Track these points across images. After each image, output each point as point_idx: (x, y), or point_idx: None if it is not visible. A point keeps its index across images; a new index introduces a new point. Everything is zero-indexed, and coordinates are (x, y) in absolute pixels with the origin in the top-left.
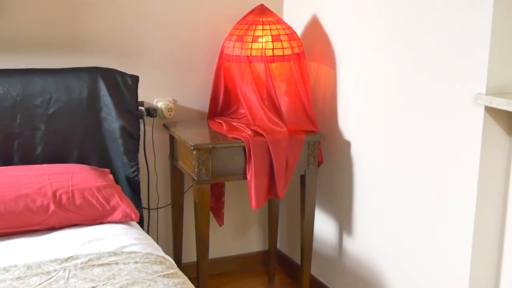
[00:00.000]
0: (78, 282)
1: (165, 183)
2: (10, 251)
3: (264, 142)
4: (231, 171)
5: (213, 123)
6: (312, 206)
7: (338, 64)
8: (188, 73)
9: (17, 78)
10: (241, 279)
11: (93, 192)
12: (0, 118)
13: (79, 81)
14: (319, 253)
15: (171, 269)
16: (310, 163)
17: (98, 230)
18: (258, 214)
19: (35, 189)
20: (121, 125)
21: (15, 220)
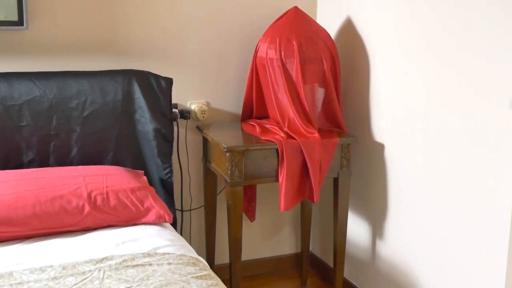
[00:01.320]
0: (113, 283)
1: (198, 185)
2: (46, 251)
3: (297, 144)
4: (264, 173)
5: (246, 125)
6: (345, 209)
7: (372, 66)
8: (222, 75)
9: (53, 81)
10: (273, 281)
11: (127, 194)
12: (37, 120)
13: (113, 83)
14: (352, 256)
15: (204, 271)
16: (343, 166)
17: (132, 231)
18: (291, 216)
19: (71, 190)
20: (155, 127)
21: (51, 221)
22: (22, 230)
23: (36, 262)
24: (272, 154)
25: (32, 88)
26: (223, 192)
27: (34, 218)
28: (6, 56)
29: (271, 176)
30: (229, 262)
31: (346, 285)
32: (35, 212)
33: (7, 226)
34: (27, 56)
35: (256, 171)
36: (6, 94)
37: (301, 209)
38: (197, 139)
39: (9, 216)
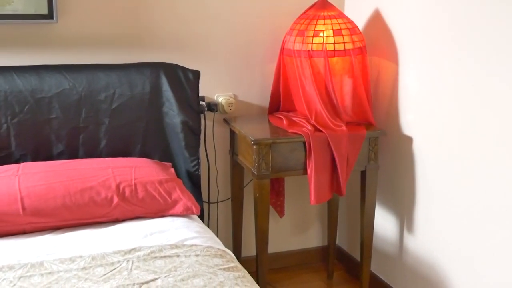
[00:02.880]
0: (141, 274)
1: (225, 177)
2: (76, 242)
3: (325, 137)
4: (291, 166)
5: (274, 118)
6: (373, 202)
7: (401, 58)
8: (249, 68)
9: (82, 73)
10: (300, 274)
11: (155, 186)
12: (66, 112)
13: (141, 76)
14: (379, 250)
15: (231, 263)
16: (370, 159)
17: (160, 223)
18: (317, 210)
19: (100, 182)
20: (183, 119)
21: (80, 212)
22: (52, 220)
23: (66, 252)
24: (299, 147)
25: (61, 81)
26: (250, 184)
27: (64, 209)
28: (36, 49)
29: (298, 169)
30: (255, 254)
31: (373, 279)
32: (65, 203)
33: (38, 217)
34: (57, 49)
35: (283, 163)
36: (36, 87)
37: (328, 202)
38: (224, 131)
39: (40, 207)
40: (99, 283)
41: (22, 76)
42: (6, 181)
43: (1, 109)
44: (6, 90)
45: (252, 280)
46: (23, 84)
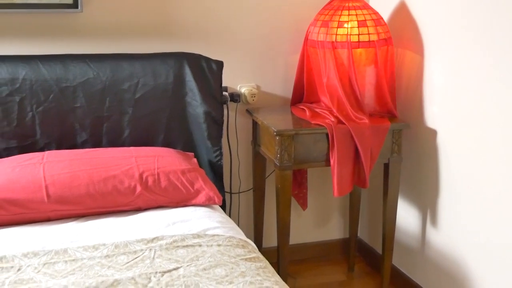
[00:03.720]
0: (163, 262)
1: (247, 168)
2: (99, 230)
3: (348, 129)
4: (313, 157)
5: (296, 109)
6: (395, 195)
7: (426, 50)
8: (272, 59)
9: (106, 63)
10: (320, 266)
11: (177, 175)
12: (90, 101)
13: (165, 66)
14: (401, 243)
15: (253, 253)
16: (394, 152)
17: (182, 212)
18: (339, 202)
19: (123, 170)
20: (206, 110)
21: (104, 200)
22: (76, 208)
23: (90, 240)
24: (322, 138)
25: (86, 70)
26: (272, 175)
27: (87, 197)
28: (61, 39)
29: (320, 160)
30: (277, 245)
31: (394, 272)
32: (89, 191)
33: (62, 205)
34: (81, 39)
35: (305, 155)
36: (61, 75)
37: (350, 194)
38: (247, 122)
39: (64, 195)
40: (122, 271)
41: (47, 65)
42: (31, 169)
43: (26, 98)
44: (32, 79)
45: (274, 271)
46: (48, 73)
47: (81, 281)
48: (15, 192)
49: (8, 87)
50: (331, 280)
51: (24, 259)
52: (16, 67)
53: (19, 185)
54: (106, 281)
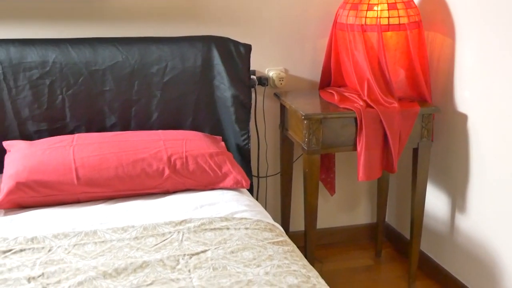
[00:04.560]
0: (191, 245)
1: (274, 152)
2: (128, 212)
3: (376, 113)
4: (341, 142)
5: (325, 93)
6: (424, 180)
7: (458, 34)
8: (300, 42)
9: (135, 46)
10: (348, 251)
11: (205, 159)
12: (119, 85)
13: (193, 49)
14: (430, 229)
15: (280, 237)
16: (423, 136)
17: (210, 195)
18: (367, 187)
19: (151, 154)
20: (233, 93)
21: (132, 183)
22: (105, 191)
23: (119, 222)
24: (350, 122)
25: (115, 54)
26: (299, 159)
27: (116, 180)
28: (90, 22)
29: (348, 145)
30: (304, 229)
31: (422, 258)
32: (118, 174)
33: (91, 187)
34: (110, 22)
35: (333, 139)
36: (90, 59)
37: (378, 179)
38: (275, 106)
39: (94, 177)
40: (150, 253)
41: (77, 48)
42: (61, 151)
43: (56, 81)
44: (62, 62)
45: (301, 255)
46: (78, 56)
47: (110, 262)
48: (45, 174)
49: (38, 70)
50: (358, 264)
51: (55, 240)
52: (46, 50)
53: (49, 167)
54: (135, 262)
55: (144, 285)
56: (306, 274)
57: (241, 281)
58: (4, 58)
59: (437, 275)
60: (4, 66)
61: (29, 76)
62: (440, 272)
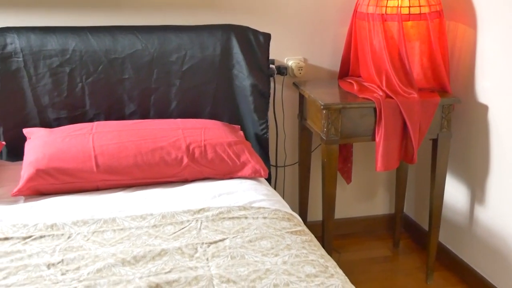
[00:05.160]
0: (209, 233)
1: (293, 141)
2: (146, 200)
3: (396, 104)
4: (360, 132)
5: (344, 83)
6: (444, 171)
7: (479, 24)
8: (320, 32)
9: (154, 34)
10: (365, 241)
11: (224, 148)
12: (139, 73)
13: (212, 38)
14: (448, 220)
15: (298, 226)
16: (443, 127)
17: (228, 184)
18: (385, 177)
19: (170, 142)
20: (252, 82)
21: (151, 171)
22: (124, 179)
23: (137, 210)
24: (369, 112)
25: (134, 42)
26: (318, 149)
27: (135, 168)
28: (110, 10)
29: (367, 135)
30: (321, 219)
31: (441, 249)
32: (137, 162)
33: (110, 175)
34: (130, 10)
35: (352, 129)
36: (110, 47)
37: (396, 169)
38: (294, 95)
39: (113, 165)
40: (169, 240)
41: (97, 36)
42: (81, 139)
43: (76, 69)
44: (81, 50)
45: (319, 245)
46: (98, 44)
47: (129, 250)
48: (65, 161)
49: (58, 58)
50: (376, 255)
51: (74, 227)
52: (66, 38)
53: (69, 155)
54: (154, 250)
55: (162, 273)
56: (324, 264)
57: (259, 270)
58: (25, 45)
59: (456, 266)
60: (24, 53)
61: (49, 63)
62: (458, 264)
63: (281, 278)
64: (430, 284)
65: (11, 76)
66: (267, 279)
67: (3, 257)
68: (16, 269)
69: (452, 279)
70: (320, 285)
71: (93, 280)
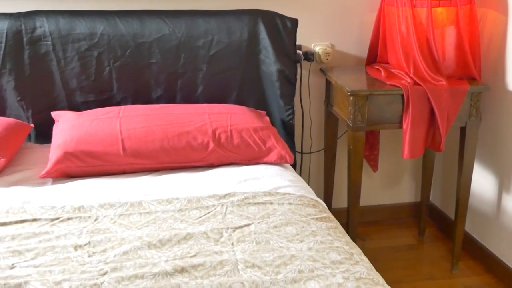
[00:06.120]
0: (235, 218)
1: (318, 128)
2: (172, 184)
3: (424, 91)
4: (387, 119)
5: (371, 69)
6: (471, 160)
7: (511, 10)
8: (348, 17)
9: (182, 19)
10: (390, 229)
11: (250, 133)
12: (166, 58)
13: (240, 23)
14: (475, 209)
15: (323, 213)
16: (471, 115)
17: (254, 170)
18: (411, 165)
19: (196, 127)
20: (279, 68)
21: (177, 155)
22: (151, 163)
23: (163, 194)
24: (397, 99)
25: (162, 26)
26: (343, 136)
27: (162, 152)
28: None
29: (394, 122)
30: (346, 206)
31: (467, 238)
32: (163, 146)
33: (137, 158)
34: None
35: (379, 116)
36: (137, 31)
37: (423, 157)
38: (320, 81)
39: (140, 149)
40: (194, 225)
41: (125, 21)
42: (108, 122)
43: (104, 53)
44: (109, 34)
45: (344, 232)
46: (125, 28)
47: (155, 233)
48: (92, 144)
49: (86, 42)
50: (401, 243)
51: (101, 210)
52: (94, 22)
53: (96, 138)
54: (179, 234)
55: (187, 256)
56: (349, 251)
57: (284, 255)
58: (54, 29)
59: (482, 256)
60: (53, 37)
61: (78, 47)
62: (484, 254)
63: (306, 264)
64: (455, 273)
65: (40, 60)
66: (292, 265)
67: (31, 238)
68: (44, 250)
69: (477, 269)
70: (345, 272)
71: (119, 263)
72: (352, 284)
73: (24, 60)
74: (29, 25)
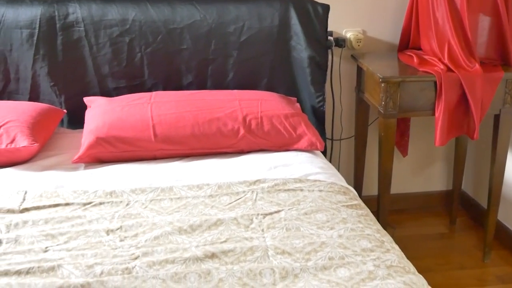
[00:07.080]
0: (265, 205)
1: (349, 114)
2: (203, 170)
3: (457, 77)
4: (419, 106)
5: (403, 56)
6: (505, 148)
7: None
8: (380, 3)
9: (213, 5)
10: (421, 217)
11: (280, 119)
12: (197, 44)
13: (271, 9)
14: (507, 198)
15: (354, 200)
16: (506, 102)
17: (284, 156)
18: (443, 152)
19: (227, 113)
20: (310, 54)
21: (208, 141)
22: (181, 148)
23: (194, 180)
24: (429, 86)
25: (193, 12)
26: (374, 123)
27: (192, 138)
28: None
29: (426, 109)
30: (377, 194)
31: (499, 228)
32: (194, 132)
33: (168, 144)
34: None
35: (411, 103)
36: (169, 17)
37: (455, 145)
38: (351, 68)
39: (171, 135)
40: (224, 211)
41: (156, 7)
42: (139, 108)
43: (135, 39)
44: (141, 20)
45: (375, 219)
46: (157, 14)
47: (186, 218)
48: (124, 130)
49: (118, 27)
50: (432, 232)
51: (132, 195)
52: (126, 8)
53: (128, 124)
54: (210, 220)
55: (218, 242)
56: (380, 238)
57: (314, 242)
58: (86, 15)
59: None
60: (86, 23)
61: (110, 33)
62: None
63: (336, 252)
64: (487, 263)
65: (73, 45)
66: (322, 252)
67: (64, 222)
68: (76, 234)
69: (510, 259)
70: (376, 259)
71: (150, 247)
72: (383, 272)
73: (57, 46)
74: (62, 11)
